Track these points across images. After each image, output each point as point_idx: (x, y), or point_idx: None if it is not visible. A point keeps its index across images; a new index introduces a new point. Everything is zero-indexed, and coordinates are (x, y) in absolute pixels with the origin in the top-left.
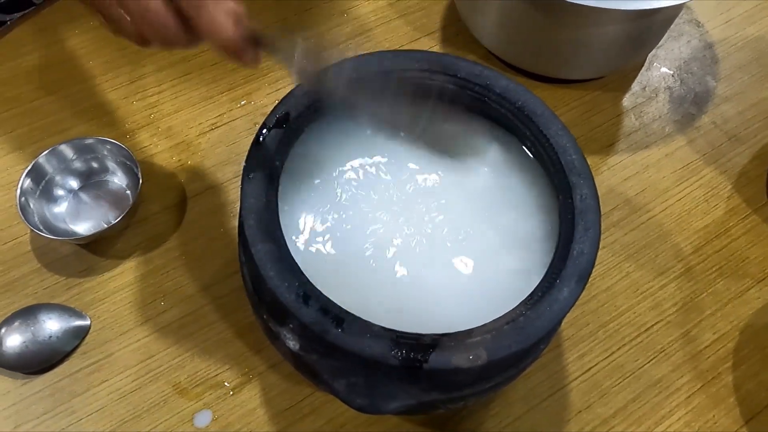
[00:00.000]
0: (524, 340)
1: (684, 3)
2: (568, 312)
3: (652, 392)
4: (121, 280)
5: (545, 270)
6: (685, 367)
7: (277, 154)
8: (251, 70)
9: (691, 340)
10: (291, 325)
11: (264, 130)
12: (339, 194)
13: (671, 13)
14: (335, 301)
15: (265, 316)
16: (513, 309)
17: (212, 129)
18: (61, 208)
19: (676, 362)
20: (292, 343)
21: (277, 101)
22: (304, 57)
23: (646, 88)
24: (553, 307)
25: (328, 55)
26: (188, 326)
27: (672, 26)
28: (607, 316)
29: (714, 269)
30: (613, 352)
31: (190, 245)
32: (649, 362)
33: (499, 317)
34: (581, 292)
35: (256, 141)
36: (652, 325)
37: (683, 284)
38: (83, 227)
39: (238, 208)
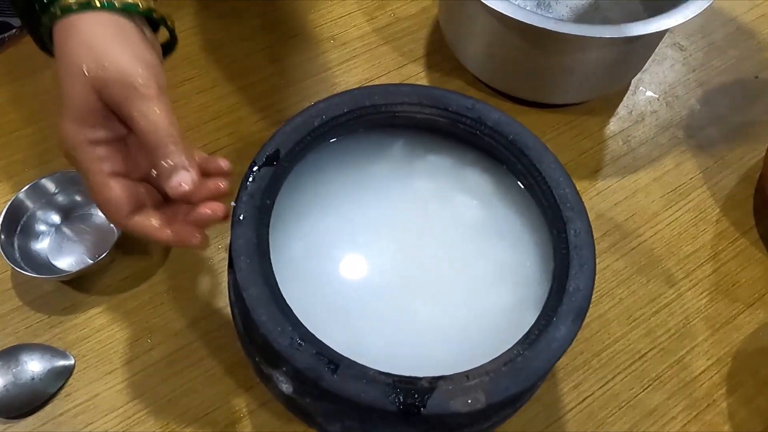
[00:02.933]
0: (522, 382)
1: (665, 30)
2: (566, 351)
3: (648, 422)
4: (106, 317)
5: (539, 304)
6: (680, 395)
7: (267, 193)
8: (238, 98)
9: (684, 367)
10: (284, 368)
11: (254, 168)
12: (331, 230)
13: (653, 39)
14: (329, 341)
15: (257, 358)
16: (510, 349)
17: None
18: (43, 243)
19: (671, 390)
20: (285, 386)
21: (262, 130)
22: None
23: (633, 112)
24: (551, 345)
25: None
26: (176, 363)
27: (656, 50)
28: (601, 344)
29: (705, 294)
30: (607, 381)
31: (176, 279)
32: (643, 391)
33: (496, 357)
34: (578, 330)
35: (245, 180)
36: (646, 353)
37: (675, 310)
38: (66, 262)
39: (227, 244)
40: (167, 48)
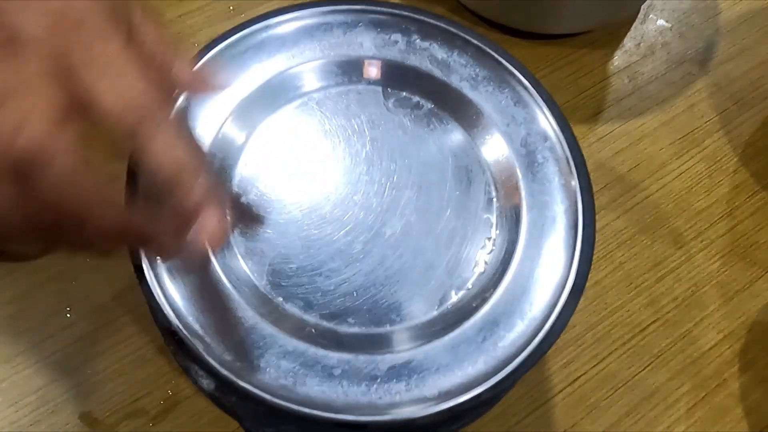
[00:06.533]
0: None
1: None
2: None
3: (648, 405)
4: (15, 290)
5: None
6: (685, 374)
7: None
8: None
9: (691, 342)
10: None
11: None
12: None
13: None
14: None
15: (171, 347)
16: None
17: None
18: None
19: (675, 368)
20: (206, 382)
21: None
22: None
23: (641, 45)
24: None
25: None
26: (100, 342)
27: None
28: (596, 315)
29: (718, 257)
30: (602, 359)
31: None
32: (644, 369)
33: None
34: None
35: None
36: (648, 325)
37: (683, 276)
38: None
39: None
40: None
